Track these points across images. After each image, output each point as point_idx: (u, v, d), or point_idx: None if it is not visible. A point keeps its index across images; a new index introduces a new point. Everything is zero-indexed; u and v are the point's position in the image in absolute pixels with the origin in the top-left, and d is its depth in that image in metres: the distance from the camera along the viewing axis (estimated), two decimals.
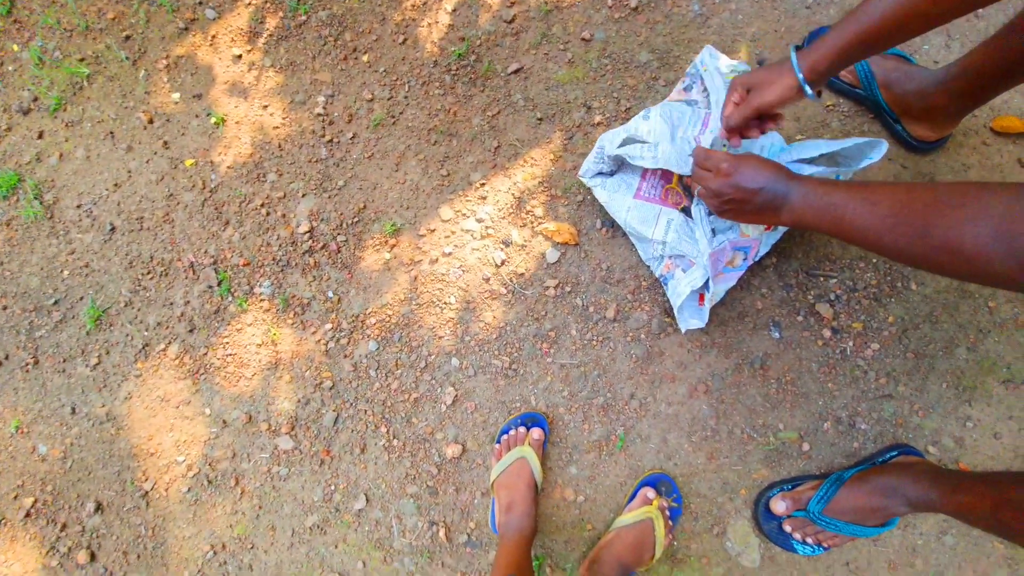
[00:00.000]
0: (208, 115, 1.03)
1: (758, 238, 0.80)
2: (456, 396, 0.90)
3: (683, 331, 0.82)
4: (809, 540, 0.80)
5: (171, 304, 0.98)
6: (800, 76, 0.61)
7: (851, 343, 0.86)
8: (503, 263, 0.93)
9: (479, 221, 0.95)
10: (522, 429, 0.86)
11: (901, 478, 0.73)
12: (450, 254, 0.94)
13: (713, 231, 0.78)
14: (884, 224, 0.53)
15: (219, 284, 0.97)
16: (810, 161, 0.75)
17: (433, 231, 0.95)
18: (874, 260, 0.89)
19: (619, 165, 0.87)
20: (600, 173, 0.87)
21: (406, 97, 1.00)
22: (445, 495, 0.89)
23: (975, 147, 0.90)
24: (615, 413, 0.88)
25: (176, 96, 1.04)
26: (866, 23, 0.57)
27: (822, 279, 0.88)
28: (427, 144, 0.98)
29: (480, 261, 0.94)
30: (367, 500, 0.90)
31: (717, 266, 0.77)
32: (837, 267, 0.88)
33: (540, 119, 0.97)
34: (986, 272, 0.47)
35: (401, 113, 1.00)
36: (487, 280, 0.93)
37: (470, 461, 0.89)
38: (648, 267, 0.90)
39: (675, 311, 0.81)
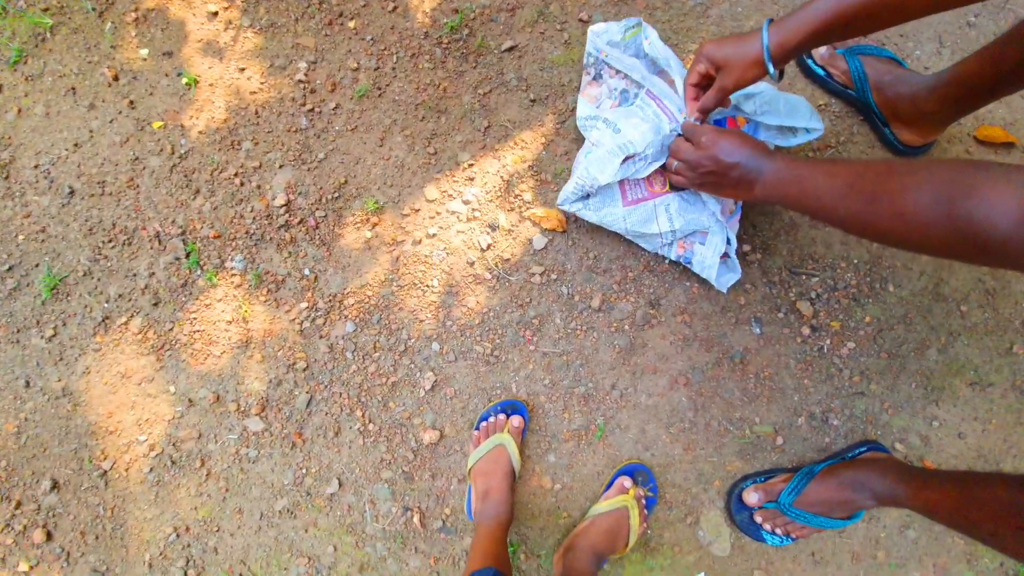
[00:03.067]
0: (179, 75, 0.96)
1: None
2: (435, 381, 0.88)
3: (725, 291, 0.83)
4: (779, 531, 0.82)
5: (134, 275, 0.93)
6: (769, 59, 0.61)
7: (828, 341, 0.88)
8: (489, 247, 0.91)
9: (465, 203, 0.92)
10: (502, 416, 0.85)
11: (869, 473, 0.75)
12: (434, 236, 0.91)
13: None
14: (839, 192, 0.56)
15: (187, 256, 0.92)
16: (766, 128, 0.76)
17: (417, 211, 0.92)
18: (855, 260, 0.90)
19: None
20: (580, 197, 0.83)
21: (394, 68, 0.96)
22: (421, 481, 0.87)
23: (959, 154, 0.91)
24: (595, 403, 0.87)
25: (144, 52, 0.97)
26: (840, 6, 0.56)
27: (804, 277, 0.89)
28: (414, 119, 0.94)
29: (465, 244, 0.91)
30: (340, 484, 0.88)
31: (727, 217, 0.78)
32: (820, 266, 0.89)
33: (533, 100, 0.94)
34: (925, 237, 0.49)
35: (388, 85, 0.95)
36: (471, 264, 0.91)
37: (447, 447, 0.88)
38: (641, 255, 0.89)
39: (712, 281, 0.81)
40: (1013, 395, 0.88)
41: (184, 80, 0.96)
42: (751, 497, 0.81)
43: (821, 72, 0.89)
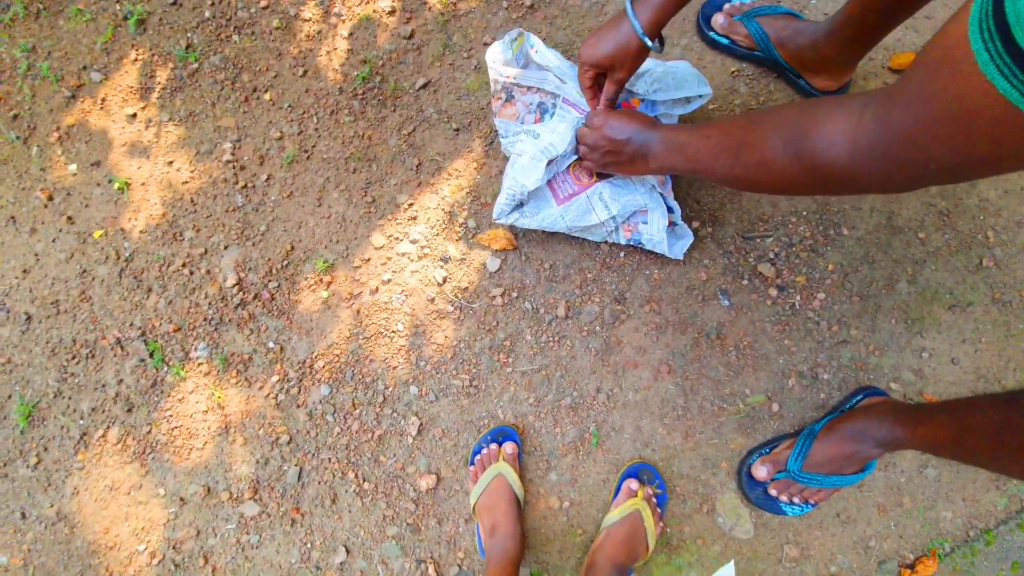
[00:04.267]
0: (110, 181, 0.97)
1: None
2: (421, 425, 0.87)
3: (681, 258, 0.84)
4: (796, 500, 0.79)
5: (103, 386, 0.92)
6: (647, 40, 0.63)
7: (798, 297, 0.87)
8: (445, 280, 0.91)
9: (413, 242, 0.92)
10: (494, 446, 0.83)
11: (867, 421, 0.73)
12: (389, 281, 0.91)
13: None
14: (712, 153, 0.58)
15: (151, 356, 0.91)
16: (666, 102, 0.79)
17: (368, 261, 0.92)
18: (804, 212, 0.90)
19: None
20: (514, 208, 0.83)
21: (316, 129, 0.97)
22: (428, 530, 0.85)
23: (876, 88, 0.92)
24: (584, 411, 0.86)
25: (73, 167, 0.98)
26: None
27: (759, 240, 0.89)
28: (346, 173, 0.95)
29: (422, 283, 0.91)
30: (347, 551, 0.85)
31: (661, 186, 0.79)
32: (771, 225, 0.89)
33: (457, 130, 0.95)
34: (787, 180, 0.51)
35: (314, 146, 0.96)
36: (432, 300, 0.90)
37: (448, 489, 0.86)
38: (596, 255, 0.88)
39: (666, 254, 0.82)
40: (995, 309, 0.87)
41: (116, 185, 0.97)
42: (760, 471, 0.79)
43: (725, 41, 0.90)
